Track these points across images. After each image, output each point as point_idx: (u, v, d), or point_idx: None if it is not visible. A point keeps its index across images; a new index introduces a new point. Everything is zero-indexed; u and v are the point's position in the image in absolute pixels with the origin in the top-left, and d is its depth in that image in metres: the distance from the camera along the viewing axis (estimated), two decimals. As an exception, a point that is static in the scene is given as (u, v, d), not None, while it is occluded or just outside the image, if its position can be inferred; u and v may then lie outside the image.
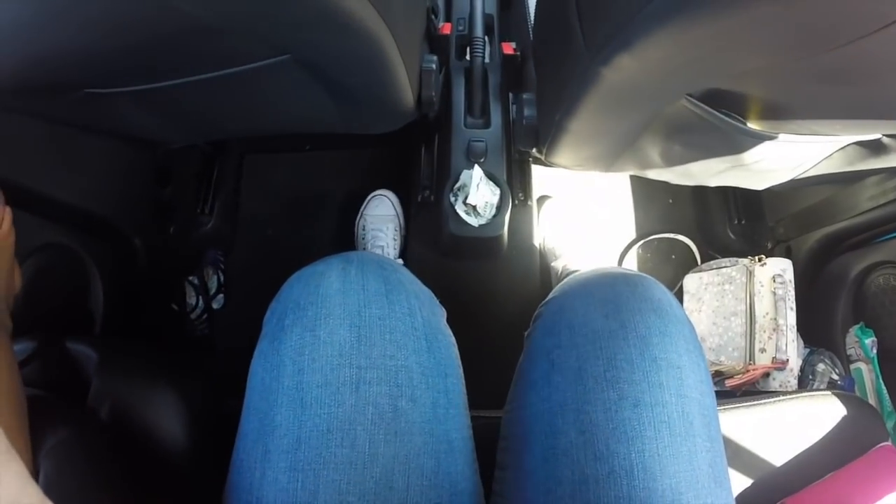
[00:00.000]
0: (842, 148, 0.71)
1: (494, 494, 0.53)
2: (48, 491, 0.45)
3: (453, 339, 0.55)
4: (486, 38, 1.05)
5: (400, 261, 1.09)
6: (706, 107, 0.62)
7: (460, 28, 1.05)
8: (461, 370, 0.54)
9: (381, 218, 1.13)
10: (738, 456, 0.68)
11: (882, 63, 0.45)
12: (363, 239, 1.13)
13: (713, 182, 0.86)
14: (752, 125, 0.64)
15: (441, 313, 0.55)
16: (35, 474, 0.47)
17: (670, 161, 0.78)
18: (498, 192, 0.89)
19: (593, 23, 0.55)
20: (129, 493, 0.53)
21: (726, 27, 0.43)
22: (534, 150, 0.91)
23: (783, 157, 0.73)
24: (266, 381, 0.46)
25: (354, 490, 0.42)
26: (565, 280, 0.59)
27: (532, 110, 0.84)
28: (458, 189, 0.89)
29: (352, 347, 0.45)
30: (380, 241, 1.09)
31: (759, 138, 0.66)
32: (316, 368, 0.45)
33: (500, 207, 0.89)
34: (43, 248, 0.77)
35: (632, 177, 1.32)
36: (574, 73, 0.60)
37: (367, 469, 0.43)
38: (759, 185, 0.86)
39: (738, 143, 0.69)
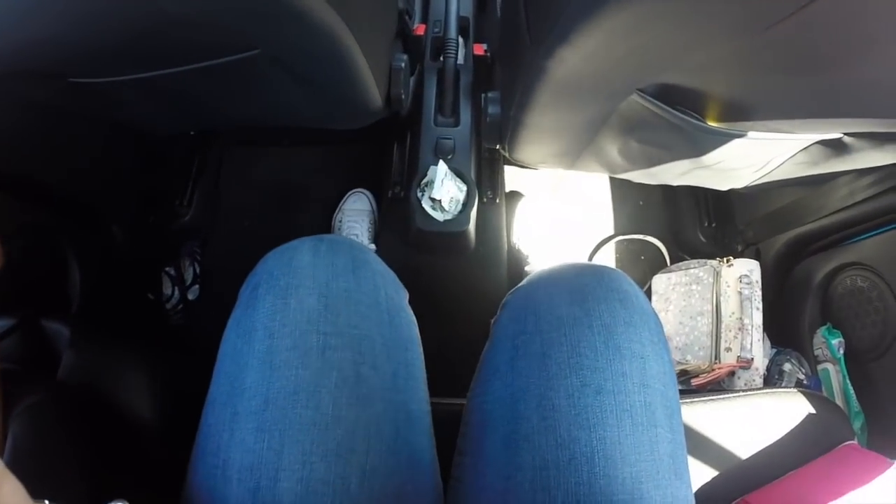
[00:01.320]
0: (805, 148, 0.71)
1: (453, 479, 0.53)
2: (17, 449, 0.47)
3: (414, 319, 0.57)
4: (462, 39, 1.07)
5: (372, 246, 1.11)
6: (660, 103, 0.63)
7: (436, 30, 1.07)
8: (421, 348, 0.55)
9: (358, 212, 1.16)
10: (702, 448, 0.68)
11: (822, 47, 0.46)
12: (339, 230, 1.16)
13: (676, 182, 0.86)
14: (712, 125, 0.65)
15: (404, 294, 0.57)
16: (4, 436, 0.48)
17: (630, 159, 0.79)
18: (464, 188, 0.90)
19: (536, 17, 0.56)
20: (94, 455, 0.55)
21: (655, 12, 0.44)
22: (499, 148, 0.92)
23: (745, 157, 0.74)
24: (238, 346, 0.48)
25: (318, 451, 0.43)
26: (534, 272, 0.60)
27: (496, 108, 0.86)
28: (425, 184, 0.90)
29: (319, 315, 0.47)
30: (354, 230, 1.13)
31: (718, 136, 0.67)
32: (286, 333, 0.46)
33: (465, 203, 0.90)
34: (22, 230, 0.79)
35: (604, 178, 1.34)
36: (523, 68, 0.61)
37: (329, 431, 0.44)
38: (722, 185, 0.87)
39: (696, 141, 0.69)
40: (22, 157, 0.72)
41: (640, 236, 1.29)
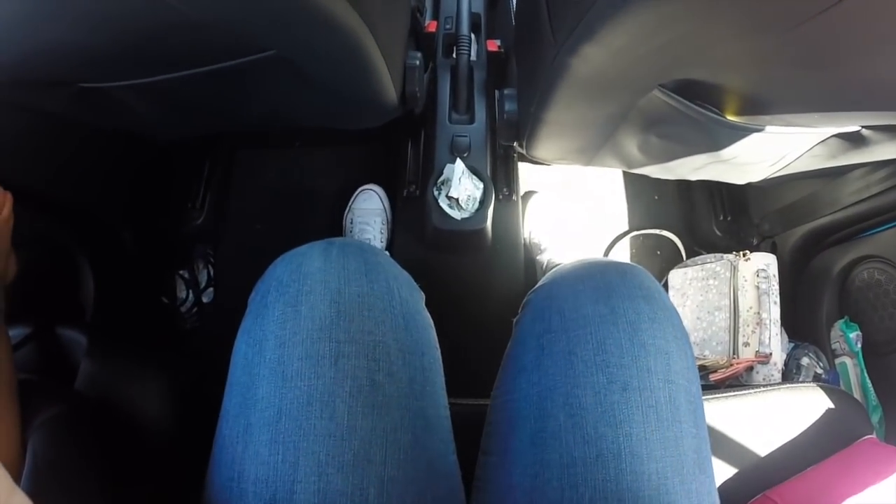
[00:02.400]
0: (823, 141, 0.71)
1: (478, 480, 0.53)
2: (38, 463, 0.47)
3: (431, 322, 0.55)
4: (473, 36, 1.07)
5: (386, 253, 1.09)
6: (681, 98, 0.63)
7: (447, 27, 1.06)
8: (438, 352, 0.54)
9: (369, 211, 1.14)
10: (722, 445, 0.68)
11: (847, 43, 0.46)
12: (350, 232, 1.15)
13: (693, 176, 0.86)
14: (731, 119, 0.65)
15: (420, 297, 0.56)
16: (24, 448, 0.48)
17: (648, 154, 0.79)
18: (481, 186, 0.90)
19: (560, 14, 0.56)
20: (114, 466, 0.54)
21: (683, 9, 0.43)
22: (516, 145, 0.92)
23: (762, 151, 0.73)
24: (249, 356, 0.47)
25: (333, 462, 0.43)
26: (553, 269, 0.60)
27: (513, 105, 0.85)
28: (442, 183, 0.90)
29: (332, 322, 0.46)
30: (367, 234, 1.11)
31: (737, 130, 0.67)
32: (297, 342, 0.45)
33: (482, 201, 0.90)
34: (35, 239, 0.79)
35: (617, 173, 1.33)
36: (545, 65, 0.61)
37: (345, 441, 0.43)
38: (740, 179, 0.87)
39: (715, 135, 0.69)
40: (30, 167, 0.72)
41: (656, 231, 1.28)
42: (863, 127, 0.67)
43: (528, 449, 0.48)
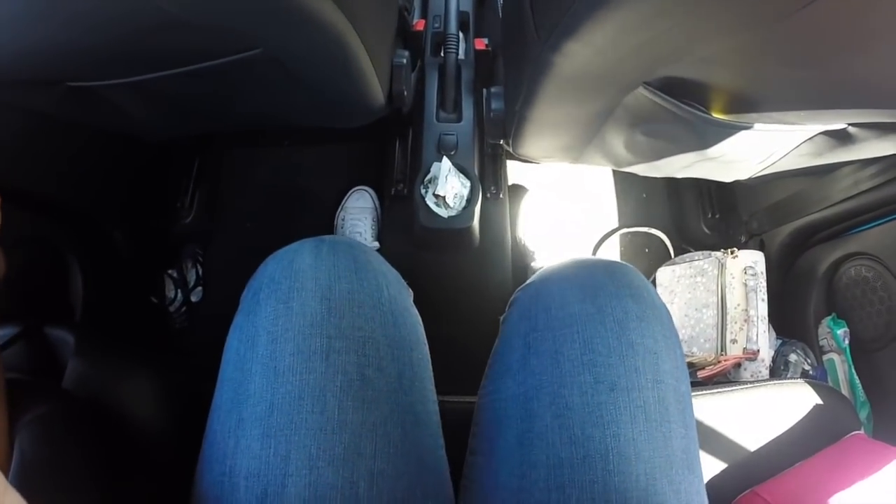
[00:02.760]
0: (809, 139, 0.71)
1: (465, 479, 0.53)
2: (25, 461, 0.46)
3: (419, 319, 0.56)
4: (461, 34, 1.07)
5: (376, 244, 1.11)
6: (667, 96, 0.63)
7: (436, 25, 1.06)
8: (427, 348, 0.55)
9: (360, 209, 1.16)
10: (710, 441, 0.68)
11: (831, 40, 0.46)
12: (342, 229, 1.16)
13: (680, 174, 0.86)
14: (718, 117, 0.65)
15: (408, 294, 0.57)
16: (11, 448, 0.48)
17: (635, 152, 0.79)
18: (468, 184, 0.90)
19: (543, 11, 0.55)
20: (103, 467, 0.54)
21: (666, 5, 0.43)
22: (503, 143, 0.92)
23: (750, 148, 0.73)
24: (241, 352, 0.48)
25: (324, 455, 0.43)
26: (542, 268, 0.60)
27: (499, 103, 0.85)
28: (429, 181, 0.90)
29: (322, 319, 0.47)
30: (358, 228, 1.12)
31: (723, 128, 0.67)
32: (289, 338, 0.46)
33: (470, 199, 0.90)
34: (24, 239, 0.78)
35: (607, 171, 1.33)
36: (529, 62, 0.61)
37: (336, 435, 0.44)
38: (727, 176, 0.87)
39: (702, 133, 0.69)
40: (21, 168, 0.71)
41: (644, 229, 1.28)
42: (849, 124, 0.67)
43: (515, 449, 0.48)
